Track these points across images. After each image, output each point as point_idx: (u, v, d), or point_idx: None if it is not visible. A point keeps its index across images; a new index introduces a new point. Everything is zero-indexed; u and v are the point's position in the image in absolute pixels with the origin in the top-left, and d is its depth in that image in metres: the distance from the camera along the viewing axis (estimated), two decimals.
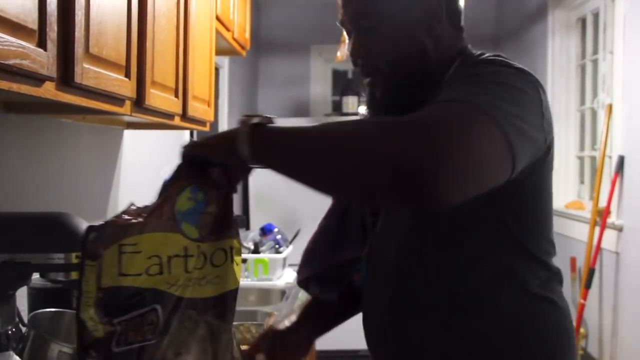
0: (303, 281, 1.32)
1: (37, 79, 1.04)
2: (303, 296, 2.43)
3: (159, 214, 0.94)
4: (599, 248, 3.48)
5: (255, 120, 0.95)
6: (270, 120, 0.96)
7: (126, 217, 0.93)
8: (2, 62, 0.90)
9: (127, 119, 2.11)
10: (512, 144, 0.91)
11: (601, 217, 3.46)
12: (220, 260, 0.99)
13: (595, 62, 3.97)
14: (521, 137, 0.94)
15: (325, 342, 4.05)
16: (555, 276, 1.15)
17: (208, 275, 0.98)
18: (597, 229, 3.48)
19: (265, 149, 0.94)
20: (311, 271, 1.27)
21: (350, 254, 1.26)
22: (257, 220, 3.21)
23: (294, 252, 2.99)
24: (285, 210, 3.63)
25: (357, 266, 1.26)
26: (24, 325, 1.34)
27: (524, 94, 1.00)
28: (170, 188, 0.96)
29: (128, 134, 2.32)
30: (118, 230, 0.92)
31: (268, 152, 0.95)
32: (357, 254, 1.25)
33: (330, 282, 1.30)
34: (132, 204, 0.97)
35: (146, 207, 0.96)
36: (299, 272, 1.31)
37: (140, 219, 0.93)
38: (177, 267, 0.94)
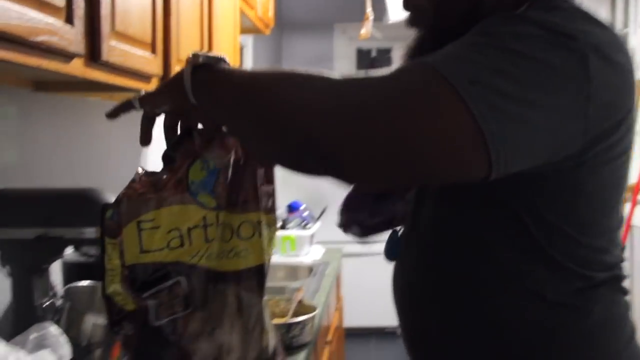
0: (344, 225, 1.20)
1: (66, 56, 1.05)
2: (331, 272, 2.44)
3: (173, 187, 0.93)
4: (629, 225, 3.45)
5: (201, 59, 0.87)
6: (219, 60, 0.87)
7: (138, 187, 0.92)
8: (32, 39, 0.92)
9: None
10: (489, 133, 0.73)
11: (632, 193, 3.43)
12: (248, 233, 0.99)
13: (625, 36, 3.89)
14: (515, 125, 0.75)
15: (353, 319, 4.08)
16: (601, 281, 0.93)
17: (236, 247, 0.98)
18: (628, 205, 3.44)
19: (205, 91, 0.87)
20: (354, 218, 1.17)
21: (391, 212, 1.16)
22: (283, 198, 3.22)
23: (321, 229, 3.01)
24: (311, 187, 3.64)
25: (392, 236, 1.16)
26: (58, 298, 1.38)
27: (547, 70, 0.77)
28: (179, 160, 0.94)
29: None
30: (134, 207, 0.91)
31: (207, 94, 0.87)
32: (397, 214, 1.15)
33: (371, 228, 1.21)
34: (142, 170, 0.95)
35: (154, 173, 0.94)
36: (340, 214, 1.19)
37: (155, 194, 0.92)
38: (198, 238, 0.94)
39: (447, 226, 0.97)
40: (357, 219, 1.21)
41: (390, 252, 1.15)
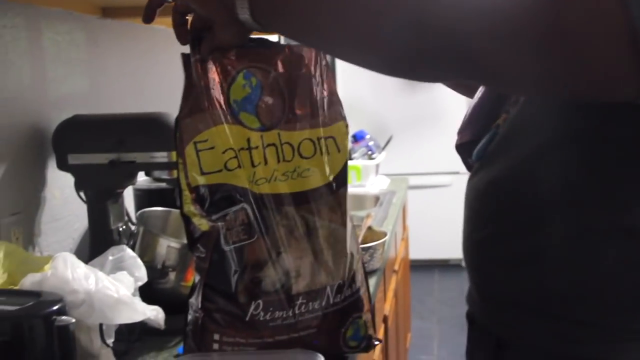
0: (459, 146, 1.03)
1: None
2: (397, 202, 2.42)
3: (218, 104, 0.89)
4: None
5: None
6: None
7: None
8: None
9: None
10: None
11: None
12: (309, 152, 0.94)
13: None
14: None
15: (418, 251, 4.07)
16: None
17: (299, 167, 0.93)
18: None
19: (269, 6, 0.80)
20: (471, 135, 1.01)
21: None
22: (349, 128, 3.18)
23: (387, 158, 2.97)
24: (377, 116, 3.60)
25: None
26: (133, 223, 1.40)
27: None
28: (220, 74, 0.89)
29: None
30: (188, 127, 0.88)
31: (274, 10, 0.80)
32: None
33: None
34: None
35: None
36: (459, 133, 1.04)
37: (203, 114, 0.88)
38: (247, 161, 0.90)
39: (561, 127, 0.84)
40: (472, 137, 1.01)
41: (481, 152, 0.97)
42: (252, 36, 0.90)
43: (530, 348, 0.88)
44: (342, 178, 0.98)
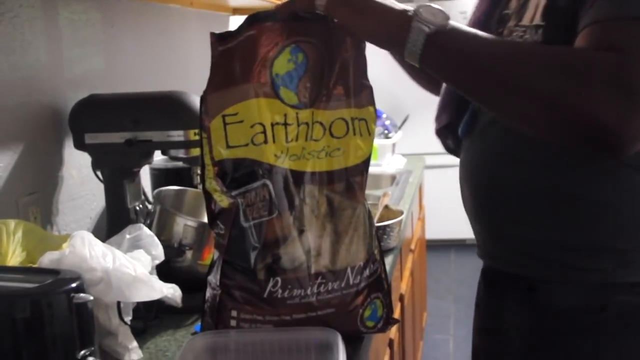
0: (439, 130, 1.19)
1: None
2: (414, 181, 2.41)
3: (257, 77, 0.88)
4: None
5: (439, 19, 0.83)
6: (446, 18, 0.85)
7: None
8: None
9: (233, 3, 2.09)
10: None
11: None
12: (341, 132, 0.94)
13: None
14: None
15: (434, 231, 4.06)
16: None
17: (327, 147, 0.93)
18: None
19: (439, 53, 0.84)
20: (448, 119, 1.15)
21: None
22: None
23: (404, 138, 2.96)
24: (393, 96, 3.57)
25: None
26: (149, 202, 1.40)
27: None
28: (265, 48, 0.88)
29: (234, 20, 2.31)
30: (218, 99, 0.88)
31: (442, 57, 0.85)
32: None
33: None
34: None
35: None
36: (436, 120, 1.18)
37: (237, 86, 0.88)
38: (280, 136, 0.90)
39: None
40: (450, 120, 1.15)
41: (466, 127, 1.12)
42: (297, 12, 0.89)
43: (562, 284, 1.00)
44: (368, 161, 0.98)
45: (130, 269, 0.96)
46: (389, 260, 1.48)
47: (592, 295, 0.98)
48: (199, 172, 1.12)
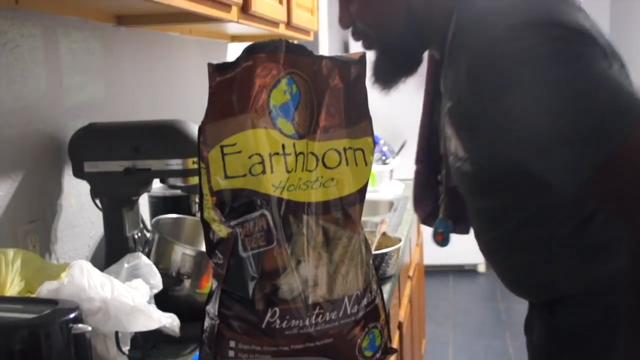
0: (425, 219, 1.36)
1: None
2: (412, 207, 2.41)
3: (254, 108, 0.88)
4: None
5: None
6: None
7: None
8: None
9: (231, 31, 2.11)
10: None
11: None
12: (333, 162, 0.94)
13: None
14: None
15: (432, 257, 4.05)
16: None
17: (321, 177, 0.93)
18: None
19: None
20: (426, 211, 1.32)
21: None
22: None
23: (401, 163, 2.96)
24: (390, 122, 3.58)
25: (440, 225, 1.32)
26: (148, 230, 1.40)
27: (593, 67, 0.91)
28: (262, 79, 0.89)
29: (232, 47, 2.33)
30: (216, 130, 0.88)
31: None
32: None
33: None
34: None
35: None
36: (416, 211, 1.36)
37: (236, 117, 0.88)
38: (279, 166, 0.90)
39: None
40: (429, 211, 1.34)
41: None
42: (291, 42, 0.90)
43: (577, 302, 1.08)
44: (364, 191, 0.98)
45: (129, 298, 0.96)
46: (387, 288, 1.48)
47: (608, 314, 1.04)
48: (197, 200, 1.13)
